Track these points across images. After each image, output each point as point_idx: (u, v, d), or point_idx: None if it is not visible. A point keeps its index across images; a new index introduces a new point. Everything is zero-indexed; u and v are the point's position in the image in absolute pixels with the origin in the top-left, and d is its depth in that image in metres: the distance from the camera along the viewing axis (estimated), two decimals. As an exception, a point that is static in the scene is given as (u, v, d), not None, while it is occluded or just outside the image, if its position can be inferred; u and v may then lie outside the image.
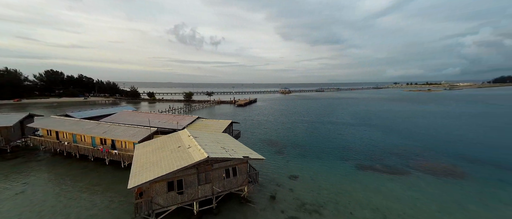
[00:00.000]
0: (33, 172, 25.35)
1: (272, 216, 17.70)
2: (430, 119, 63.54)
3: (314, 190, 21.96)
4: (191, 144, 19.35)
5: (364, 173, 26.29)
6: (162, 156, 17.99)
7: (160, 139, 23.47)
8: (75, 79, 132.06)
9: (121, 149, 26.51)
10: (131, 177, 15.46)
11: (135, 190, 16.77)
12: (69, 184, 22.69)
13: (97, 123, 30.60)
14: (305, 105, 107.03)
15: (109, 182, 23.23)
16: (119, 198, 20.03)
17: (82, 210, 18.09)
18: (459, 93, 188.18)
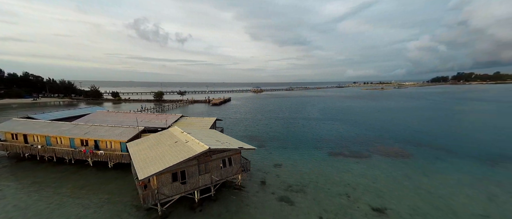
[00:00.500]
0: (2, 180, 23.47)
1: (264, 198, 20.35)
2: (383, 113, 73.73)
3: (296, 174, 25.31)
4: (188, 139, 20.80)
5: (335, 158, 30.77)
6: (162, 151, 19.13)
7: (151, 137, 24.11)
8: (19, 77, 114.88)
9: (106, 149, 26.14)
10: (138, 170, 16.43)
11: (139, 183, 17.76)
12: (52, 189, 21.86)
13: (74, 124, 29.17)
14: (278, 103, 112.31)
15: (98, 182, 23.05)
16: (116, 197, 20.32)
17: (73, 214, 18.04)
18: (406, 91, 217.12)
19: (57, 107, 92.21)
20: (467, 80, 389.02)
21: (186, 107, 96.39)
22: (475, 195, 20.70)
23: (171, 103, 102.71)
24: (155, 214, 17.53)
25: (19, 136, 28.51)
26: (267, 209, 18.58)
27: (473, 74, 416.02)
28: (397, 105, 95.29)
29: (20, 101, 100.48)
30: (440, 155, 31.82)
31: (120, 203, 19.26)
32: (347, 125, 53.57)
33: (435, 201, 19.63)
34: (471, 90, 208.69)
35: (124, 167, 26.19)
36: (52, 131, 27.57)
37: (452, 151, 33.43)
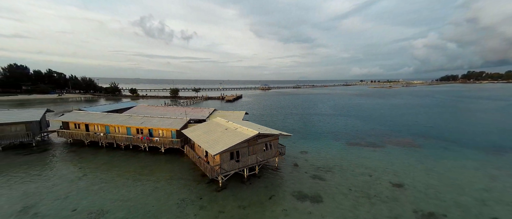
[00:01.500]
0: (79, 163, 28.27)
1: (299, 176, 24.52)
2: (393, 110, 76.81)
3: (322, 159, 29.41)
4: (236, 126, 25.11)
5: (353, 147, 34.70)
6: (219, 136, 23.47)
7: (201, 126, 28.49)
8: (44, 74, 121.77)
9: (158, 136, 30.73)
10: (208, 148, 20.83)
11: (205, 159, 22.21)
12: (121, 168, 26.50)
13: (128, 115, 33.88)
14: (288, 100, 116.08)
15: (156, 164, 27.60)
16: (177, 174, 24.77)
17: (149, 186, 22.58)
18: (414, 90, 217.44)
19: (81, 102, 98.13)
20: (477, 79, 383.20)
21: (201, 103, 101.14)
22: (478, 176, 24.45)
23: (187, 99, 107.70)
24: (216, 185, 21.91)
25: (81, 125, 33.38)
26: (304, 183, 22.75)
27: (483, 73, 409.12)
28: (406, 103, 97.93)
29: (46, 97, 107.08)
30: (447, 146, 35.38)
31: (182, 179, 23.69)
32: (360, 120, 57.20)
33: (444, 180, 23.48)
34: (481, 89, 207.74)
35: (174, 151, 30.81)
36: (111, 121, 32.31)
37: (458, 143, 36.97)
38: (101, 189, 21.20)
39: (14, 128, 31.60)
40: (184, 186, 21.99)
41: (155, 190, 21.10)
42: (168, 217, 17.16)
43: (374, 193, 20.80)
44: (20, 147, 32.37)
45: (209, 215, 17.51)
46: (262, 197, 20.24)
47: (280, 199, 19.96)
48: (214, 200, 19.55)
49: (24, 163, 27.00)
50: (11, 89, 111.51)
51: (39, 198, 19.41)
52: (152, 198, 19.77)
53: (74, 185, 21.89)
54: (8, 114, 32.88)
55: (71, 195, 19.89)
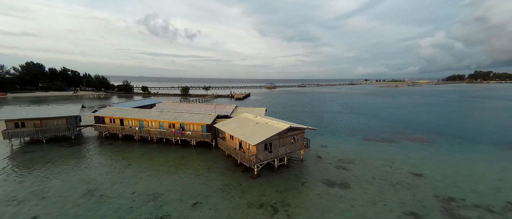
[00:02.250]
0: (120, 154, 30.90)
1: (324, 166, 26.74)
2: (403, 109, 78.38)
3: (342, 152, 31.58)
4: (266, 121, 27.41)
5: (370, 142, 36.78)
6: (252, 129, 25.78)
7: (231, 120, 30.80)
8: (58, 72, 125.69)
9: (189, 130, 33.19)
10: (247, 139, 23.18)
11: (241, 149, 24.60)
12: (160, 158, 29.09)
13: (160, 111, 36.42)
14: (296, 99, 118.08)
15: (191, 155, 30.06)
16: (212, 164, 27.24)
17: (191, 174, 25.17)
18: (421, 89, 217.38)
19: (96, 100, 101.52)
20: (485, 79, 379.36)
21: (212, 101, 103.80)
22: (491, 167, 26.44)
23: (197, 97, 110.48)
24: (251, 173, 24.25)
25: (116, 120, 36.02)
26: (330, 173, 24.96)
27: (491, 73, 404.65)
28: (414, 102, 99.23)
29: (62, 94, 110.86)
30: (460, 142, 37.27)
31: (218, 168, 26.07)
32: (371, 118, 59.11)
33: (459, 170, 25.53)
34: (488, 89, 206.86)
35: (203, 144, 33.28)
36: (145, 116, 34.85)
37: (469, 139, 38.81)
38: (148, 176, 23.63)
39: (56, 122, 34.38)
40: (222, 174, 24.38)
41: (197, 177, 23.50)
42: (217, 198, 19.58)
43: (396, 181, 22.95)
44: (61, 139, 35.16)
45: (252, 197, 19.86)
46: (294, 183, 22.53)
47: (312, 185, 22.23)
48: (252, 186, 21.91)
49: (70, 154, 29.69)
50: (28, 86, 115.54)
51: (97, 183, 21.86)
52: (197, 183, 22.19)
53: (123, 173, 24.38)
54: (50, 109, 35.64)
55: (125, 181, 22.38)
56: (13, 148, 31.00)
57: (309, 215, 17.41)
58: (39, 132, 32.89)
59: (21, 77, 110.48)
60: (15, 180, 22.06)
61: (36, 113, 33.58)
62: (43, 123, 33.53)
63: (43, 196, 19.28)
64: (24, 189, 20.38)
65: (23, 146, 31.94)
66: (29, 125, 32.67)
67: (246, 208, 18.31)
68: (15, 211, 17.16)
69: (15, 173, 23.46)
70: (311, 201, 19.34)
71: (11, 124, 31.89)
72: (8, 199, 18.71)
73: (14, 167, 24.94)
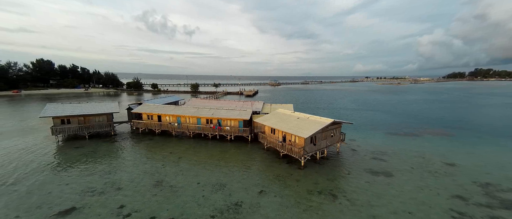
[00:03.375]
0: (167, 148, 32.67)
1: (361, 158, 28.68)
2: (415, 105, 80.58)
3: (372, 145, 33.53)
4: (307, 116, 29.23)
5: (394, 136, 38.84)
6: (297, 123, 27.59)
7: (269, 116, 32.55)
8: (68, 69, 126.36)
9: (228, 126, 34.88)
10: (296, 132, 25.03)
11: (289, 143, 26.45)
12: (205, 152, 30.93)
13: (196, 107, 38.07)
14: (305, 96, 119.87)
15: (231, 149, 31.88)
16: (255, 156, 29.16)
17: (241, 166, 27.04)
18: (423, 86, 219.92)
19: (106, 97, 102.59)
20: (485, 77, 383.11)
21: (222, 98, 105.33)
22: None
23: (207, 94, 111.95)
24: (296, 165, 26.11)
25: (154, 116, 37.65)
26: (369, 163, 26.88)
27: (491, 71, 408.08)
28: (423, 99, 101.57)
29: (74, 91, 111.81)
30: (480, 135, 39.48)
31: (262, 160, 27.93)
32: (387, 114, 61.21)
33: (488, 160, 27.66)
34: (489, 86, 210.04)
35: (239, 139, 35.08)
36: (183, 112, 36.47)
37: (489, 133, 41.04)
38: (203, 168, 25.37)
39: (97, 119, 35.98)
40: (269, 166, 26.22)
41: (248, 170, 25.31)
42: (276, 187, 21.43)
43: (433, 170, 25.01)
44: (101, 135, 36.75)
45: (308, 185, 21.76)
46: (341, 173, 24.49)
47: (358, 174, 24.17)
48: (303, 175, 23.80)
49: (118, 148, 31.38)
50: (39, 83, 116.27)
51: (160, 175, 23.54)
52: (251, 174, 24.02)
53: (179, 165, 26.09)
54: (91, 106, 37.15)
55: (185, 173, 24.13)
56: (60, 144, 32.59)
57: (366, 199, 19.37)
58: (83, 128, 34.49)
59: (33, 74, 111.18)
60: (82, 173, 23.70)
61: (80, 110, 35.15)
62: (86, 119, 35.13)
63: (119, 187, 20.96)
64: (97, 181, 22.00)
65: (69, 141, 33.51)
66: (74, 121, 34.26)
67: (307, 194, 20.22)
68: (102, 201, 18.77)
69: (78, 167, 25.05)
70: (363, 188, 21.29)
71: (58, 120, 33.46)
72: (88, 190, 20.36)
73: (73, 162, 26.49)
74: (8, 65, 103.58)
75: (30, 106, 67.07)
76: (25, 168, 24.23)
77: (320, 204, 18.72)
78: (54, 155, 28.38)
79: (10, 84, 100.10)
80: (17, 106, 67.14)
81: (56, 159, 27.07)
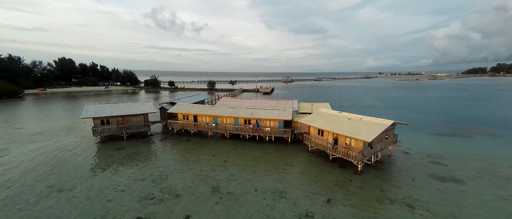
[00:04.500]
0: (208, 151, 31.90)
1: (419, 162, 26.71)
2: (445, 102, 76.64)
3: (423, 147, 31.39)
4: (359, 116, 27.51)
5: (442, 137, 36.44)
6: (350, 125, 25.94)
7: (313, 117, 30.97)
8: (88, 67, 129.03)
9: (269, 127, 33.60)
10: (355, 135, 23.45)
11: (345, 146, 24.88)
12: (247, 153, 29.86)
13: (232, 107, 37.01)
14: (323, 93, 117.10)
15: (276, 151, 30.64)
16: (301, 159, 27.83)
17: (293, 170, 25.78)
18: (444, 82, 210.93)
19: (125, 95, 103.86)
20: (508, 72, 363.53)
21: (240, 95, 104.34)
22: None
23: (224, 92, 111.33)
24: (351, 169, 24.55)
25: (190, 116, 36.93)
26: (430, 168, 24.90)
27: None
28: (450, 96, 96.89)
29: (95, 89, 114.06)
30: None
31: (311, 164, 26.51)
32: (422, 113, 58.29)
33: None
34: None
35: (277, 140, 33.77)
36: (220, 112, 35.46)
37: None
38: (254, 173, 24.05)
39: (135, 119, 35.62)
40: (322, 171, 24.73)
41: (301, 174, 23.95)
42: (340, 194, 19.99)
43: (506, 176, 22.84)
44: (138, 136, 36.40)
45: (373, 192, 20.20)
46: (404, 178, 22.70)
47: (423, 180, 22.33)
48: (364, 181, 22.23)
49: (159, 150, 30.78)
50: (61, 81, 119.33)
51: (214, 180, 22.37)
52: (307, 180, 22.67)
53: (227, 169, 24.90)
54: (127, 106, 36.83)
55: (238, 178, 22.81)
56: (101, 145, 32.34)
57: (449, 210, 17.64)
58: (122, 129, 34.20)
59: (55, 73, 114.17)
60: (133, 177, 23.03)
61: (119, 110, 34.87)
62: (124, 120, 34.83)
63: (177, 195, 20.02)
64: (151, 187, 21.09)
65: (108, 142, 33.25)
66: (113, 121, 34.01)
67: (377, 203, 18.68)
68: (165, 210, 17.75)
69: (126, 171, 24.37)
70: (437, 197, 19.52)
71: (98, 121, 33.27)
72: (147, 197, 19.48)
73: (120, 164, 25.84)
74: (33, 64, 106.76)
75: (58, 105, 68.48)
76: (76, 172, 23.81)
77: (398, 216, 17.17)
78: (99, 157, 28.06)
79: (36, 82, 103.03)
80: (46, 105, 68.70)
81: (102, 162, 26.67)
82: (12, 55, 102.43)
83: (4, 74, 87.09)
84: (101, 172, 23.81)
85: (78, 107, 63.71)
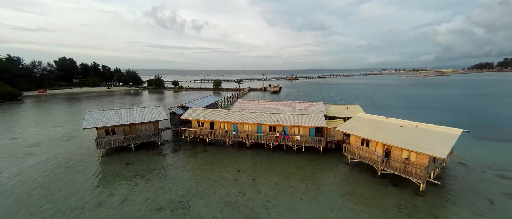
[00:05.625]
0: (232, 163, 27.75)
1: (484, 177, 22.42)
2: (470, 100, 71.93)
3: (477, 156, 27.15)
4: (415, 123, 23.16)
5: (489, 143, 32.18)
6: (404, 134, 21.63)
7: (354, 123, 26.61)
8: (90, 67, 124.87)
9: (299, 134, 29.29)
10: (418, 148, 19.09)
11: (404, 161, 20.54)
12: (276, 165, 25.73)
13: (254, 113, 32.67)
14: (333, 90, 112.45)
15: (309, 164, 26.42)
16: (342, 174, 23.61)
17: (333, 189, 21.54)
18: (453, 79, 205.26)
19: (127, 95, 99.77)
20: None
21: (247, 95, 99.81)
22: None
23: (230, 91, 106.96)
24: (411, 189, 20.29)
25: (205, 123, 32.68)
26: (502, 185, 20.60)
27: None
28: (470, 93, 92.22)
29: (97, 90, 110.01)
30: None
31: (356, 180, 22.29)
32: (452, 114, 54.05)
33: None
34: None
35: (308, 150, 29.47)
36: (240, 118, 31.17)
37: None
38: (292, 196, 19.75)
39: (144, 127, 31.42)
40: (375, 191, 20.42)
41: (353, 196, 19.68)
42: (414, 228, 15.83)
43: None
44: (148, 146, 32.19)
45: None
46: (481, 201, 18.47)
47: (506, 203, 18.09)
48: (432, 206, 17.98)
49: (173, 165, 26.51)
50: (62, 82, 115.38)
51: (246, 208, 18.31)
52: (363, 206, 18.37)
53: (260, 192, 20.76)
54: (135, 112, 32.59)
55: (276, 204, 18.63)
56: (106, 158, 28.21)
57: None
58: (129, 139, 30.02)
59: (56, 73, 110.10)
60: (147, 204, 18.88)
61: (126, 118, 30.65)
62: (132, 129, 30.66)
63: (206, 226, 16.05)
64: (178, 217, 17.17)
65: (115, 155, 29.07)
66: (119, 131, 29.83)
67: (468, 243, 14.46)
68: None
69: (139, 195, 20.06)
70: (541, 233, 15.26)
71: (102, 131, 29.10)
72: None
73: (131, 187, 21.59)
74: (32, 64, 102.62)
75: (58, 108, 64.39)
76: (78, 199, 19.46)
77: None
78: (105, 176, 23.74)
79: (36, 83, 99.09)
80: (46, 108, 64.64)
81: (108, 182, 22.36)
82: (12, 55, 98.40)
83: (3, 75, 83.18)
84: (108, 198, 19.59)
85: (80, 111, 59.68)
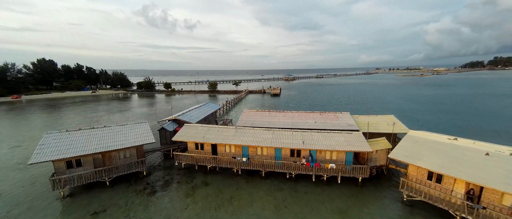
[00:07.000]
0: (247, 209, 20.19)
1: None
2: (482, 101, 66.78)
3: None
4: (507, 150, 16.18)
5: None
6: (495, 167, 14.65)
7: (411, 147, 19.52)
8: (73, 69, 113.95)
9: (323, 160, 22.13)
10: None
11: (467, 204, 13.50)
12: (311, 213, 18.28)
13: (270, 130, 25.10)
14: (336, 92, 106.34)
15: (345, 200, 19.25)
16: (398, 214, 16.50)
17: None
18: (449, 77, 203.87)
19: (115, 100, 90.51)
20: (506, 65, 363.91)
21: (246, 98, 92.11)
22: None
23: (227, 94, 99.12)
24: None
25: (206, 145, 24.98)
26: None
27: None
28: (477, 93, 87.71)
29: (80, 94, 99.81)
30: None
31: None
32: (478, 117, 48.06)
33: None
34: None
35: (344, 180, 22.23)
36: (254, 140, 23.52)
37: None
38: None
39: (123, 154, 23.38)
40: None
41: None
42: None
43: None
44: (128, 177, 24.16)
45: None
46: None
47: None
48: None
49: (165, 211, 18.84)
50: (41, 86, 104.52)
51: None
52: None
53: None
54: (111, 132, 24.45)
55: None
56: (68, 201, 20.12)
57: None
58: (102, 173, 21.97)
59: (34, 76, 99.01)
60: None
61: (97, 142, 22.55)
62: (106, 157, 22.63)
63: None
64: None
65: (81, 195, 20.94)
66: (87, 162, 21.75)
67: None
68: None
69: None
70: None
71: (61, 163, 20.95)
72: None
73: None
74: (5, 66, 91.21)
75: (29, 119, 55.02)
76: None
77: None
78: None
79: (10, 88, 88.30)
80: (14, 119, 55.13)
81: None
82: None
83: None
84: None
85: (55, 122, 50.80)
